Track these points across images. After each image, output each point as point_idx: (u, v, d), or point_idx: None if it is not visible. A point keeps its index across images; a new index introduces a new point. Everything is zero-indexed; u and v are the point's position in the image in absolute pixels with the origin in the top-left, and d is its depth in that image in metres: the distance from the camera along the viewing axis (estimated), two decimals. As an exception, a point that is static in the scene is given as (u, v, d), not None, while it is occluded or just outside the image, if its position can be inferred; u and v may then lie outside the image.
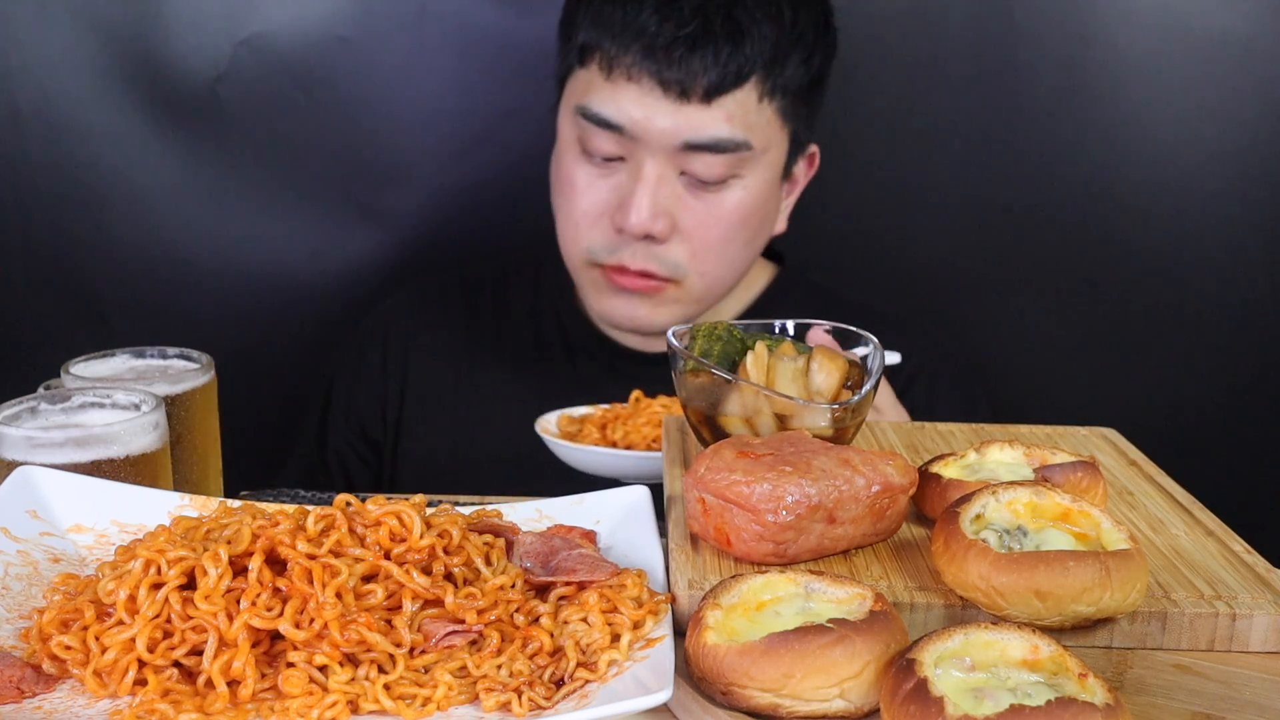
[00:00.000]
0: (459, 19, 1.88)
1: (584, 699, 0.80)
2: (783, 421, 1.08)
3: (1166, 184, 1.94)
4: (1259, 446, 2.03)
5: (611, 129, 1.48)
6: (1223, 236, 1.96)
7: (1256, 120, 1.91)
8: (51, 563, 0.94)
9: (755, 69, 1.47)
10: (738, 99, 1.47)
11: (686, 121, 1.46)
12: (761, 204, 1.55)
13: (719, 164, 1.49)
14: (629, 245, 1.52)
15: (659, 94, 1.46)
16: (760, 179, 1.53)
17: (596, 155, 1.52)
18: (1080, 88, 1.91)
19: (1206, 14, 1.87)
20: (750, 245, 1.59)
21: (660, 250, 1.52)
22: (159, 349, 1.23)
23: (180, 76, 1.86)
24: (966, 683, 0.75)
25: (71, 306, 1.94)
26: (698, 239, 1.52)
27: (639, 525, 1.02)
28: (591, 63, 1.51)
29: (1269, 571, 0.95)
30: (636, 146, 1.49)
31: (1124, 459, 1.20)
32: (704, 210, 1.51)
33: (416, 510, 0.91)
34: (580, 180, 1.54)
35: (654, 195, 1.48)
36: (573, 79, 1.55)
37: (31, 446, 1.03)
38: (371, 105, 1.90)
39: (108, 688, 0.81)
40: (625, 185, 1.50)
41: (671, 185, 1.50)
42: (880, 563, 0.96)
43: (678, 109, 1.46)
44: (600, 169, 1.53)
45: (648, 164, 1.48)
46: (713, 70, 1.45)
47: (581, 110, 1.51)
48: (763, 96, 1.49)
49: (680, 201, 1.51)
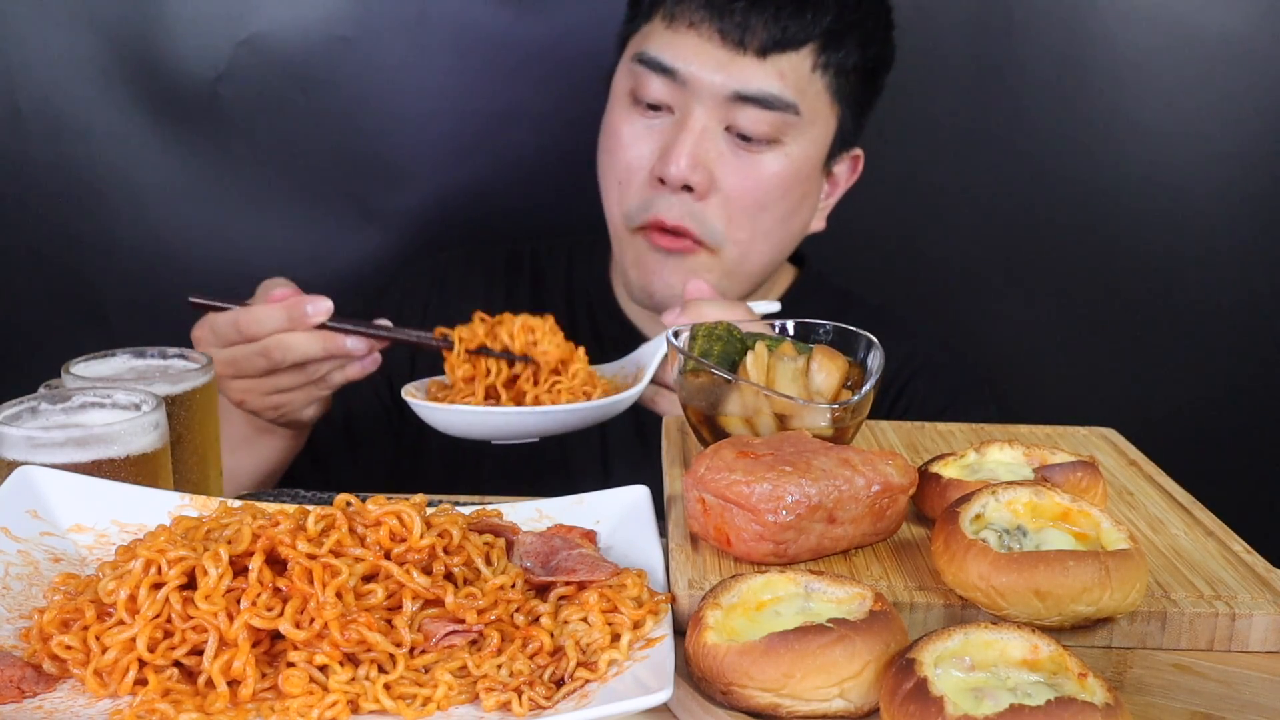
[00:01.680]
0: (459, 19, 1.88)
1: (584, 699, 0.80)
2: (783, 421, 1.08)
3: (1166, 184, 1.94)
4: (1259, 446, 2.03)
5: (665, 73, 1.51)
6: (1222, 236, 1.96)
7: (1256, 120, 1.91)
8: (52, 562, 0.94)
9: (813, 37, 1.50)
10: (792, 61, 1.50)
11: (739, 72, 1.49)
12: (801, 180, 1.56)
13: (765, 121, 1.50)
14: (666, 198, 1.53)
15: (717, 42, 1.48)
16: (803, 151, 1.55)
17: (645, 101, 1.53)
18: (1080, 88, 1.91)
19: (1206, 14, 1.87)
20: (784, 223, 1.59)
21: (699, 208, 1.53)
22: (159, 349, 1.23)
23: (180, 76, 1.86)
24: (966, 682, 0.75)
25: (71, 306, 1.94)
26: (734, 201, 1.53)
27: (639, 525, 1.02)
28: (656, 14, 1.54)
29: (1269, 571, 0.95)
30: (686, 95, 1.51)
31: (1124, 459, 1.20)
32: (743, 170, 1.52)
33: (416, 510, 0.91)
34: (625, 133, 1.56)
35: (697, 145, 1.50)
36: (635, 36, 1.58)
37: (32, 446, 1.03)
38: (371, 105, 1.90)
39: (108, 687, 0.81)
40: (669, 134, 1.52)
41: (715, 140, 1.51)
42: (880, 563, 0.96)
43: (732, 59, 1.48)
44: (647, 120, 1.54)
45: (695, 113, 1.50)
46: (772, 27, 1.48)
47: (639, 55, 1.53)
48: (816, 67, 1.52)
49: (721, 159, 1.52)
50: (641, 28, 1.57)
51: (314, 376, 1.40)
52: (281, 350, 1.36)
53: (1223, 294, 1.98)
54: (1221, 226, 1.96)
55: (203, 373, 1.19)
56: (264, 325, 1.35)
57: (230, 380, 1.40)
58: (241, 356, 1.37)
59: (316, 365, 1.39)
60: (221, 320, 1.37)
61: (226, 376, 1.39)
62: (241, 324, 1.36)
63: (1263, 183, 1.94)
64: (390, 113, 1.90)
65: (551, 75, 1.88)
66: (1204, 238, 1.96)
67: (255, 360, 1.37)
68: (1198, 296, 1.99)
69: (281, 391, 1.41)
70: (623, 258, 1.63)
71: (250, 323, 1.35)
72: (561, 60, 1.89)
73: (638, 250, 1.58)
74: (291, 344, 1.36)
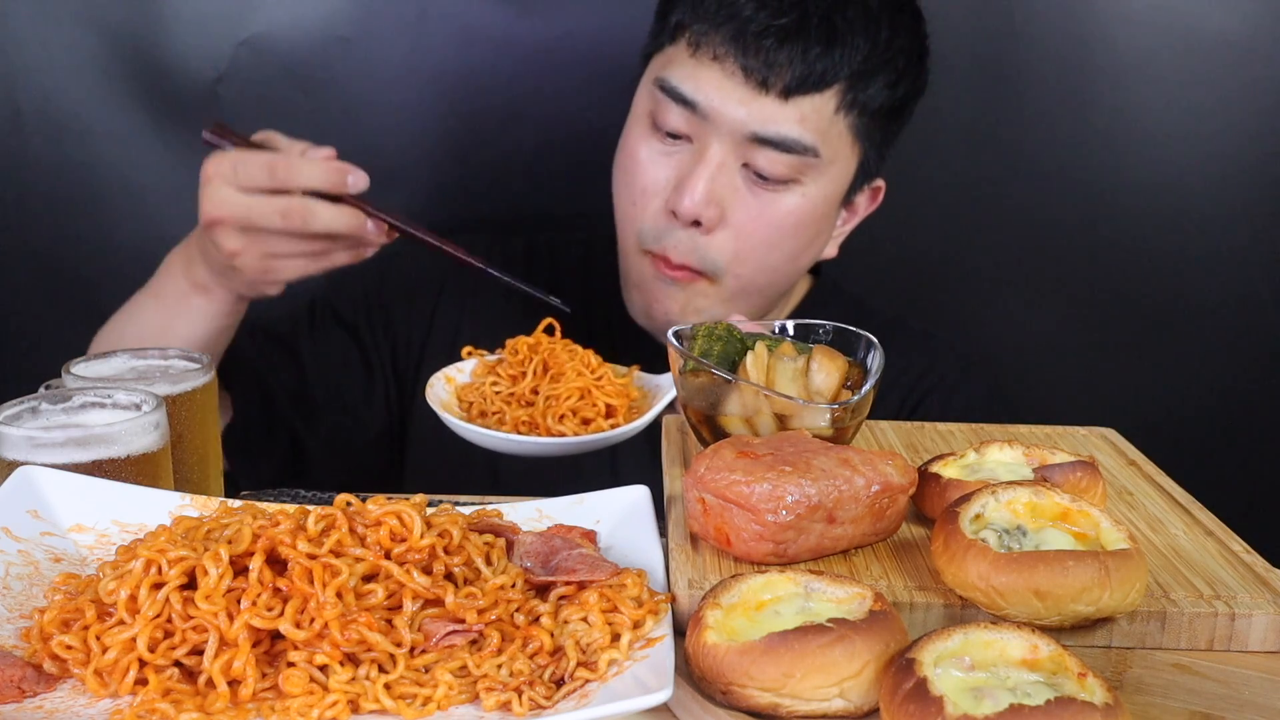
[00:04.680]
0: (459, 19, 1.88)
1: (584, 698, 0.80)
2: (783, 421, 1.08)
3: (1166, 184, 1.94)
4: (1259, 446, 2.03)
5: (685, 104, 1.47)
6: (1222, 236, 1.96)
7: (1256, 120, 1.91)
8: (52, 562, 0.94)
9: (840, 77, 1.46)
10: (815, 103, 1.46)
11: (760, 112, 1.45)
12: (816, 219, 1.54)
13: (783, 164, 1.47)
14: (675, 233, 1.51)
15: (739, 79, 1.45)
16: (821, 191, 1.52)
17: (664, 129, 1.51)
18: (1080, 88, 1.91)
19: (1206, 15, 1.87)
20: (794, 260, 1.57)
21: (704, 241, 1.50)
22: (159, 349, 1.23)
23: (180, 76, 1.86)
24: (966, 682, 0.75)
25: (71, 306, 1.94)
26: (744, 237, 1.51)
27: (639, 525, 1.02)
28: (681, 39, 1.50)
29: (1268, 571, 0.95)
30: (705, 128, 1.48)
31: (1123, 459, 1.20)
32: (757, 208, 1.50)
33: (417, 510, 0.91)
34: (643, 155, 1.53)
35: (712, 180, 1.47)
36: (659, 56, 1.55)
37: (32, 446, 1.03)
38: (371, 105, 1.90)
39: (108, 687, 0.81)
40: (685, 165, 1.49)
41: (730, 175, 1.49)
42: (880, 562, 0.96)
43: (753, 98, 1.45)
44: (665, 146, 1.52)
45: (713, 147, 1.47)
46: (798, 66, 1.44)
47: (660, 82, 1.50)
48: (840, 108, 1.48)
49: (736, 194, 1.49)
50: (665, 48, 1.53)
51: (321, 249, 1.33)
52: (306, 215, 1.29)
53: (1223, 294, 1.98)
54: (1221, 226, 1.96)
55: (203, 373, 1.19)
56: (301, 179, 1.27)
57: (232, 228, 1.31)
58: (258, 206, 1.29)
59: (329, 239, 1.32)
60: (252, 162, 1.29)
61: (234, 220, 1.30)
62: (277, 171, 1.27)
63: (1263, 183, 1.94)
64: (390, 113, 1.90)
65: (551, 75, 1.87)
66: (1204, 238, 1.96)
67: (270, 216, 1.29)
68: (1198, 297, 1.99)
69: (279, 256, 1.33)
70: (628, 273, 1.62)
71: (286, 172, 1.27)
72: (561, 60, 1.89)
73: (643, 271, 1.57)
74: (319, 212, 1.29)
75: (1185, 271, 1.98)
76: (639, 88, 1.58)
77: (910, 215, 1.98)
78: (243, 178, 1.30)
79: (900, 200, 1.97)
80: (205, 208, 1.33)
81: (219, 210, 1.32)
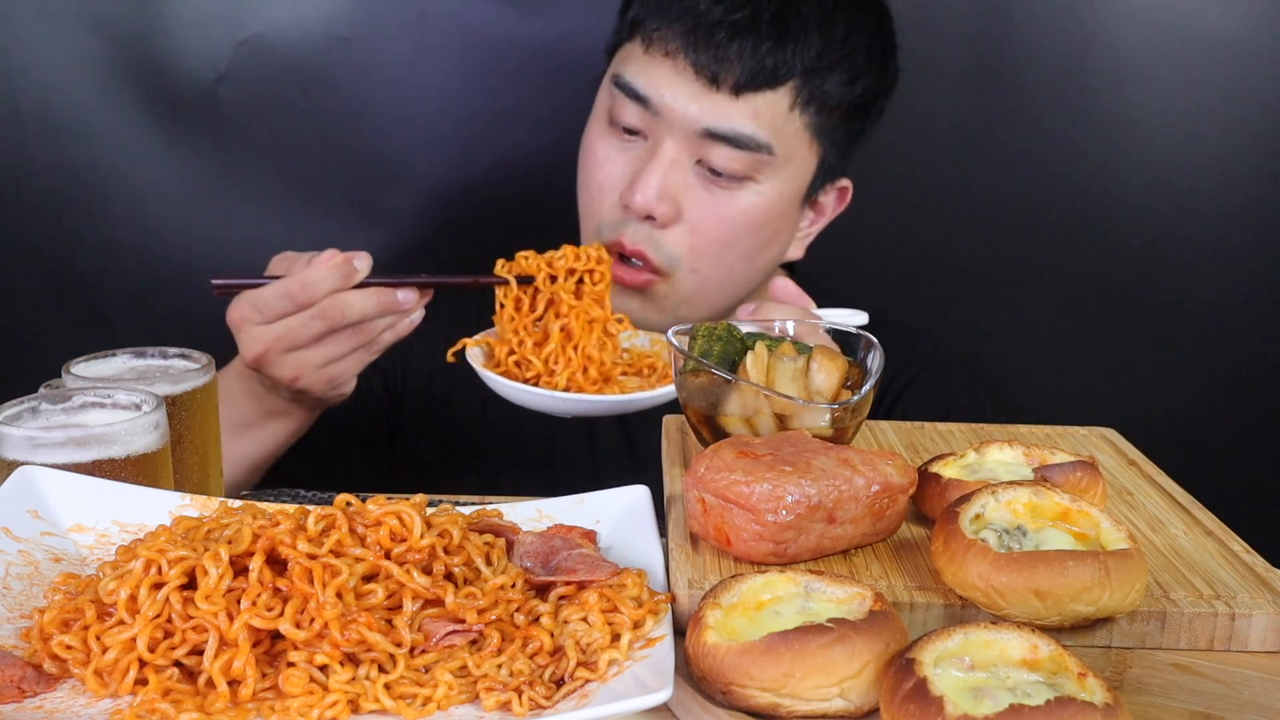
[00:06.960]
0: (459, 19, 1.88)
1: (584, 698, 0.80)
2: (782, 421, 1.08)
3: (1166, 184, 1.94)
4: (1259, 446, 2.03)
5: (638, 100, 1.49)
6: (1222, 236, 1.96)
7: (1256, 120, 1.91)
8: (52, 562, 0.94)
9: (793, 74, 1.46)
10: (768, 100, 1.46)
11: (711, 108, 1.46)
12: (773, 217, 1.54)
13: (737, 160, 1.47)
14: (631, 224, 1.51)
15: (690, 75, 1.46)
16: (777, 190, 1.52)
17: (621, 125, 1.52)
18: (1080, 88, 1.91)
19: (1206, 14, 1.87)
20: (751, 259, 1.57)
21: (659, 235, 1.51)
22: (159, 349, 1.23)
23: (180, 77, 1.87)
24: (966, 682, 0.75)
25: (71, 306, 1.94)
26: (700, 233, 1.51)
27: (639, 525, 1.02)
28: (637, 35, 1.52)
29: (1268, 571, 0.95)
30: (658, 124, 1.49)
31: (1123, 459, 1.20)
32: (712, 205, 1.50)
33: (417, 510, 0.91)
34: (600, 151, 1.55)
35: (664, 176, 1.48)
36: (618, 53, 1.56)
37: (32, 446, 1.03)
38: (371, 105, 1.90)
39: (108, 687, 0.81)
40: (640, 161, 1.51)
41: (684, 172, 1.49)
42: (880, 562, 0.96)
43: (705, 94, 1.46)
44: (621, 142, 1.53)
45: (666, 144, 1.48)
46: (749, 62, 1.44)
47: (616, 78, 1.52)
48: (796, 105, 1.48)
49: (690, 191, 1.50)
50: (624, 45, 1.55)
51: (368, 337, 1.36)
52: (339, 309, 1.32)
53: (1222, 294, 1.98)
54: (1221, 226, 1.96)
55: (203, 373, 1.19)
56: (319, 288, 1.31)
57: (284, 355, 1.34)
58: (297, 325, 1.32)
59: (372, 324, 1.35)
60: (268, 294, 1.33)
61: (280, 351, 1.34)
62: (294, 292, 1.31)
63: (1263, 183, 1.94)
64: (390, 113, 1.90)
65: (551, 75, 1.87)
66: (1204, 238, 1.96)
67: (312, 325, 1.32)
68: (1198, 297, 1.99)
69: (334, 361, 1.37)
70: None
71: (302, 289, 1.31)
72: (561, 60, 1.89)
73: None
74: (349, 302, 1.32)
75: (1185, 271, 1.98)
76: (601, 84, 1.59)
77: (910, 215, 1.98)
78: (266, 312, 1.33)
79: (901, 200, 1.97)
80: (245, 353, 1.36)
81: (259, 346, 1.34)
